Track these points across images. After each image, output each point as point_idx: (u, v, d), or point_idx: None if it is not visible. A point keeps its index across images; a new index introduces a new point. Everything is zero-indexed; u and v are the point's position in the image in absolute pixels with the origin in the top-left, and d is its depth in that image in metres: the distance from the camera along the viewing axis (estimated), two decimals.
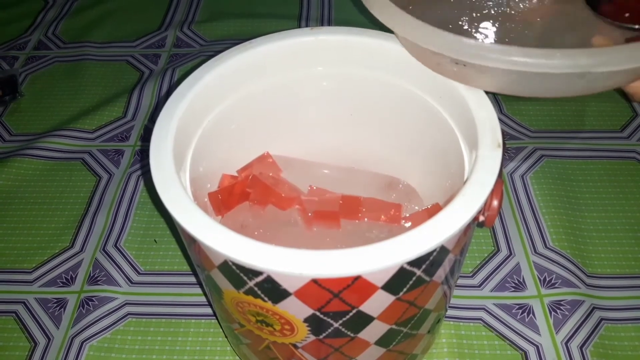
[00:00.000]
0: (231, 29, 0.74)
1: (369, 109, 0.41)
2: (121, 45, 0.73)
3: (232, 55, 0.36)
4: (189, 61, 0.69)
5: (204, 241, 0.26)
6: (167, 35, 0.74)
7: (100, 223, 0.52)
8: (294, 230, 0.37)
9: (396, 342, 0.33)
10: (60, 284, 0.48)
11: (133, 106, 0.64)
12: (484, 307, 0.45)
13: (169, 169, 0.29)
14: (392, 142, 0.42)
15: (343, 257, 0.25)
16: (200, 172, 0.36)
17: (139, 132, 0.61)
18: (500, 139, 0.30)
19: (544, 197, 0.52)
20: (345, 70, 0.39)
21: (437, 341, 0.43)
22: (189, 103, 0.33)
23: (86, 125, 0.62)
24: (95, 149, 0.60)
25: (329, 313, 0.28)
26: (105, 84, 0.68)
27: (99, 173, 0.57)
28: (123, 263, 0.49)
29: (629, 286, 0.46)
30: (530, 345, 0.43)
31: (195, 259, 0.32)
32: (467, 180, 0.28)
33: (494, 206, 0.29)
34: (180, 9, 0.78)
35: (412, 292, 0.28)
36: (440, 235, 0.26)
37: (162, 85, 0.66)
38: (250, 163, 0.41)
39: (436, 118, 0.36)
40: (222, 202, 0.38)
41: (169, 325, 0.45)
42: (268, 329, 0.31)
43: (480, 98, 0.32)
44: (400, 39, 0.34)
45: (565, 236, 0.49)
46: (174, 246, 0.51)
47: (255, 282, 0.27)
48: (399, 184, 0.41)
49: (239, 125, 0.39)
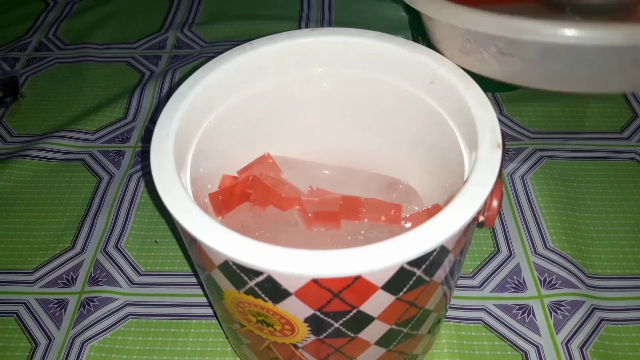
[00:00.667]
0: (232, 31, 0.74)
1: (369, 110, 0.41)
2: (122, 47, 0.73)
3: (233, 56, 0.36)
4: (189, 62, 0.69)
5: (204, 241, 0.26)
6: (168, 37, 0.74)
7: (101, 224, 0.53)
8: (294, 231, 0.38)
9: (396, 343, 0.33)
10: (61, 285, 0.48)
11: (134, 107, 0.64)
12: (484, 308, 0.45)
13: (170, 170, 0.29)
14: (392, 142, 0.42)
15: (343, 257, 0.25)
16: (200, 173, 0.36)
17: (139, 133, 0.61)
18: (500, 139, 0.30)
19: (544, 198, 0.52)
20: (345, 71, 0.39)
21: (438, 341, 0.43)
22: (190, 104, 0.33)
23: (87, 127, 0.62)
24: (96, 150, 0.60)
25: (329, 313, 0.28)
26: (106, 85, 0.68)
27: (100, 174, 0.57)
28: (124, 264, 0.49)
29: (629, 287, 0.46)
30: (531, 345, 0.43)
31: (195, 260, 0.32)
32: (466, 181, 0.28)
33: (494, 206, 0.29)
34: (180, 11, 0.79)
35: (412, 292, 0.28)
36: (440, 236, 0.26)
37: (162, 86, 0.66)
38: (251, 164, 0.41)
39: (436, 118, 0.36)
40: (223, 203, 0.38)
41: (169, 326, 0.45)
42: (268, 329, 0.31)
43: (480, 98, 0.32)
44: (432, 26, 0.34)
45: (565, 237, 0.49)
46: (174, 247, 0.51)
47: (256, 282, 0.27)
48: (399, 185, 0.41)
49: (239, 126, 0.39)
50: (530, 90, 0.63)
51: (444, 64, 0.34)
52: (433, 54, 0.35)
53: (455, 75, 0.34)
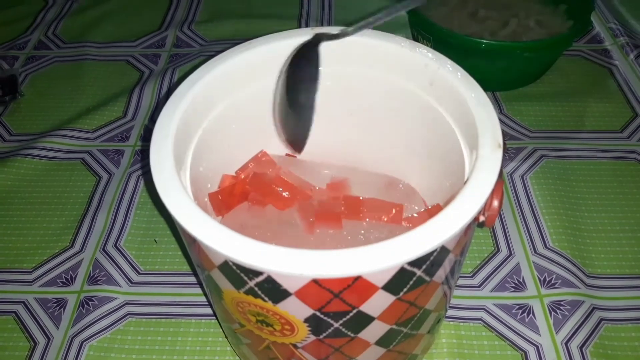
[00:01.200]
0: (231, 29, 0.74)
1: (369, 109, 0.41)
2: (121, 45, 0.73)
3: (233, 55, 0.36)
4: (189, 61, 0.69)
5: (204, 241, 0.26)
6: (167, 35, 0.74)
7: (100, 223, 0.52)
8: (294, 231, 0.37)
9: (396, 342, 0.33)
10: (60, 284, 0.48)
11: (133, 106, 0.64)
12: (484, 308, 0.45)
13: (169, 169, 0.29)
14: (392, 142, 0.42)
15: (343, 257, 0.25)
16: (200, 172, 0.36)
17: (139, 132, 0.61)
18: (501, 140, 0.30)
19: (543, 197, 0.52)
20: (345, 70, 0.39)
21: (437, 341, 0.43)
22: (190, 103, 0.33)
23: (86, 125, 0.61)
24: (95, 149, 0.60)
25: (329, 313, 0.28)
26: (105, 84, 0.67)
27: (99, 173, 0.57)
28: (123, 263, 0.49)
29: (630, 286, 0.46)
30: (530, 345, 0.43)
31: (195, 259, 0.32)
32: (467, 181, 0.28)
33: (495, 206, 0.29)
34: (180, 9, 0.78)
35: (413, 292, 0.28)
36: (440, 236, 0.26)
37: (162, 85, 0.66)
38: (247, 163, 0.41)
39: (436, 118, 0.36)
40: (223, 203, 0.38)
41: (168, 325, 0.45)
42: (268, 329, 0.31)
43: (481, 98, 0.32)
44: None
45: (565, 236, 0.49)
46: (174, 246, 0.51)
47: (256, 282, 0.27)
48: (399, 184, 0.41)
49: (239, 125, 0.39)
50: (530, 89, 0.64)
51: (445, 64, 0.34)
52: (434, 53, 0.35)
53: (456, 75, 0.33)
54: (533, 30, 0.61)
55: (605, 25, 0.72)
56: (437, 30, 0.58)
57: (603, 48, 0.69)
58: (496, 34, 0.60)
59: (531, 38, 0.60)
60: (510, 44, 0.57)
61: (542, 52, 0.60)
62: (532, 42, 0.59)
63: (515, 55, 0.58)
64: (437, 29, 0.58)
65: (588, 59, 0.68)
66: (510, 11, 0.63)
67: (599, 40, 0.70)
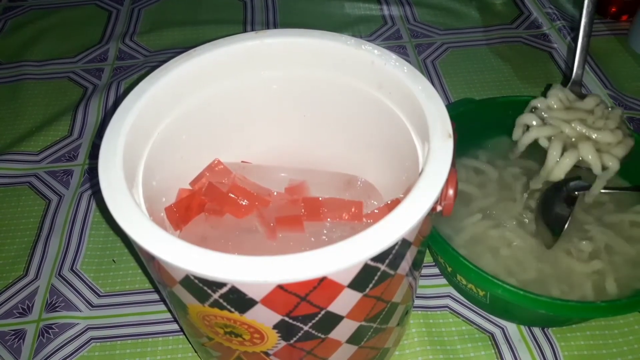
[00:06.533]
0: (175, 38, 0.73)
1: (322, 109, 0.41)
2: (61, 62, 0.70)
3: (177, 65, 0.35)
4: (134, 73, 0.67)
5: (162, 257, 0.25)
6: (109, 48, 0.72)
7: (54, 247, 0.50)
8: (256, 238, 0.37)
9: (367, 338, 0.33)
10: (16, 315, 0.46)
11: (79, 124, 0.62)
12: (449, 295, 0.46)
13: (120, 186, 0.28)
14: (347, 140, 0.42)
15: (306, 259, 0.25)
16: (154, 187, 0.35)
17: (87, 150, 0.59)
18: (451, 130, 0.30)
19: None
20: (294, 72, 0.38)
21: (407, 332, 0.44)
22: (136, 117, 0.32)
23: (30, 148, 0.59)
24: (42, 171, 0.57)
25: (297, 317, 0.28)
26: (48, 103, 0.65)
27: (48, 196, 0.55)
28: (81, 286, 0.48)
29: None
30: (496, 327, 0.44)
31: (156, 276, 0.31)
32: (421, 173, 0.29)
33: (450, 195, 0.30)
34: (120, 21, 0.76)
35: (379, 287, 0.29)
36: (400, 229, 0.26)
37: (107, 99, 0.64)
38: (201, 173, 0.40)
39: (387, 113, 0.36)
40: (180, 216, 0.37)
41: (135, 346, 0.44)
42: (237, 339, 0.30)
43: (428, 91, 0.32)
44: None
45: None
46: (133, 264, 0.49)
47: (220, 294, 0.26)
48: (357, 182, 0.41)
49: (190, 135, 0.38)
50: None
51: (390, 59, 0.35)
52: (379, 49, 0.35)
53: (403, 70, 0.34)
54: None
55: (542, 11, 0.74)
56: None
57: (542, 33, 0.72)
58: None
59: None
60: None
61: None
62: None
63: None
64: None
65: (528, 44, 0.71)
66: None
67: (538, 26, 0.73)
